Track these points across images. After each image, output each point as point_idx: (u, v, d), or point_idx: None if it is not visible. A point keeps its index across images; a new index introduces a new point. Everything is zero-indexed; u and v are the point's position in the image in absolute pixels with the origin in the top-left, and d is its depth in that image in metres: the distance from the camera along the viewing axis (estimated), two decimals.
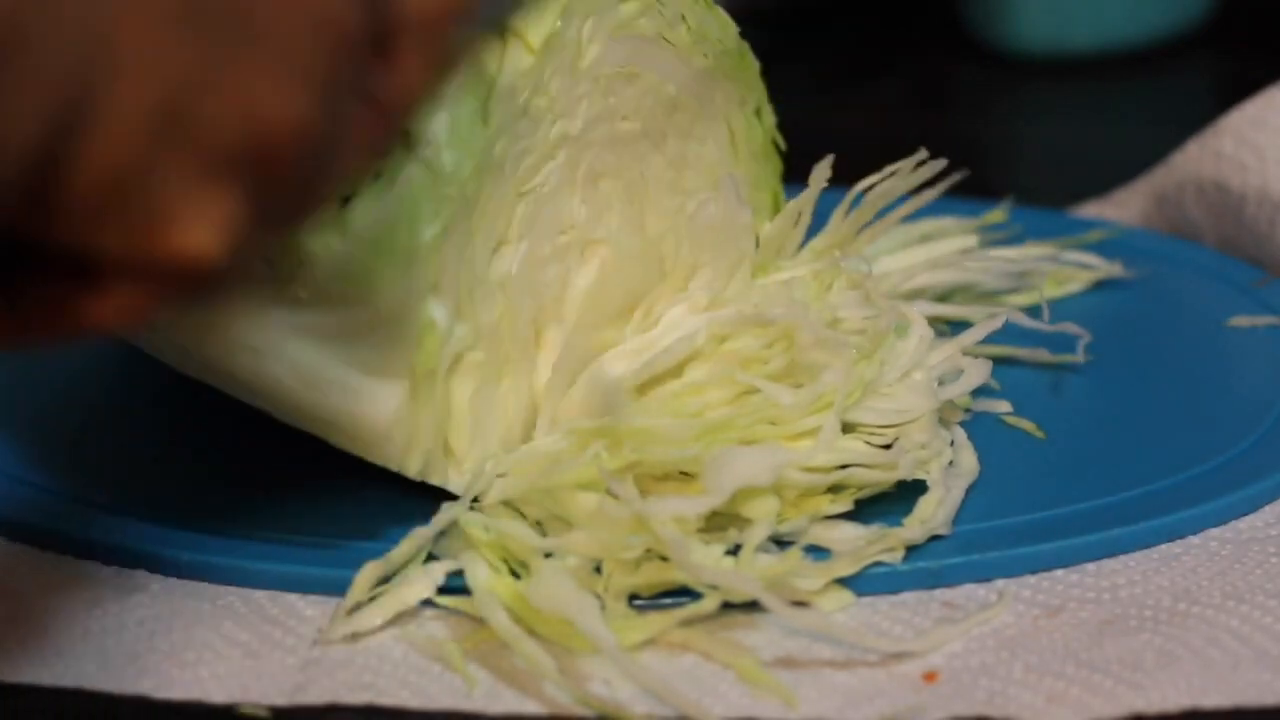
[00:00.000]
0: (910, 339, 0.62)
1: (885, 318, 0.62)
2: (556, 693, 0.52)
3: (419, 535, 0.56)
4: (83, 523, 0.61)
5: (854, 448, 0.59)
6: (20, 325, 0.44)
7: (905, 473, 0.58)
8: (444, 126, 0.57)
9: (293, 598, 0.57)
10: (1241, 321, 0.73)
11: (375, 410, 0.56)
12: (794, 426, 0.58)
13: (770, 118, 0.69)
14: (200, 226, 0.42)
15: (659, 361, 0.61)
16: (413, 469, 0.58)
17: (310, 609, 0.57)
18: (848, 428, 0.59)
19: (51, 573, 0.59)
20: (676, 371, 0.62)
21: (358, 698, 0.53)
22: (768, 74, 0.69)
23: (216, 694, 0.53)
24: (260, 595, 0.57)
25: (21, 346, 0.44)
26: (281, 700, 0.53)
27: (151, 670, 0.54)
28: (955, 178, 0.69)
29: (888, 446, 0.59)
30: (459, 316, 0.58)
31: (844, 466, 0.58)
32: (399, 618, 0.56)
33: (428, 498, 0.59)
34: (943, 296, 0.73)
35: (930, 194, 0.70)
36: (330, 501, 0.61)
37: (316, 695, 0.53)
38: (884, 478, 0.58)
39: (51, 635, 0.56)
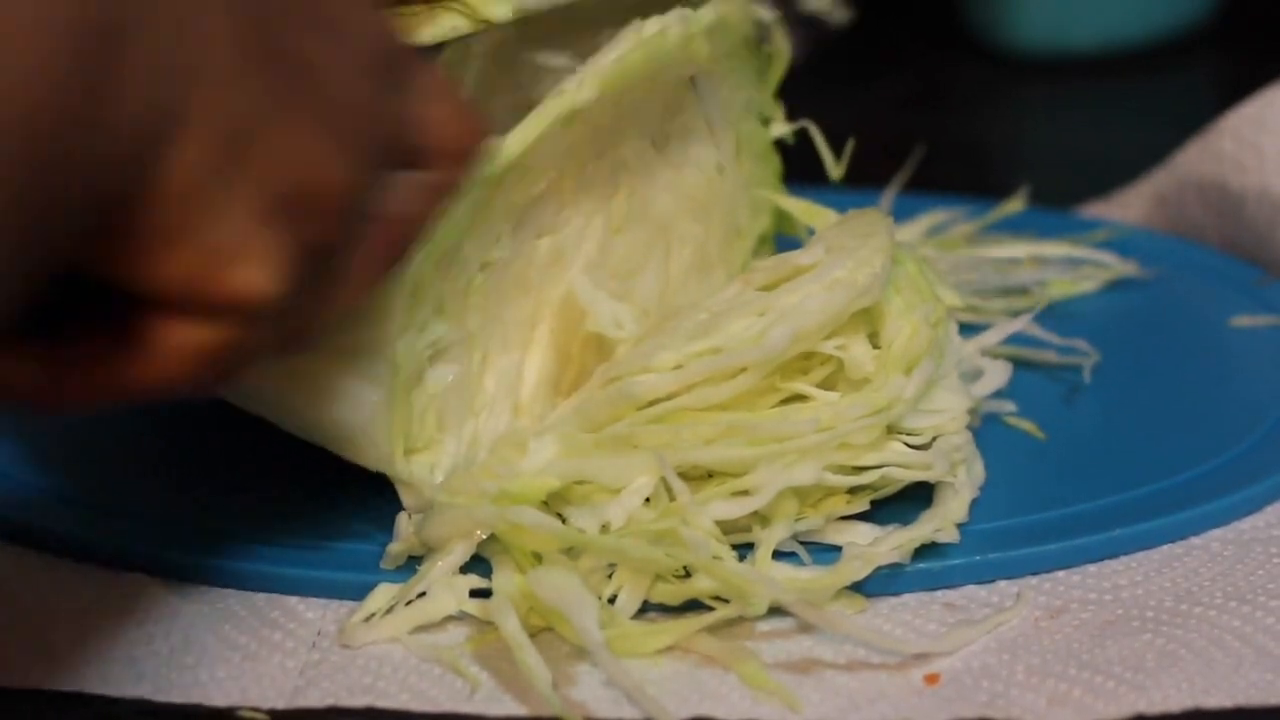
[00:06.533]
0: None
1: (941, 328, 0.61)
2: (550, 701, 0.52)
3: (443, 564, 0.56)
4: (81, 526, 0.60)
5: (895, 448, 0.58)
6: (56, 383, 0.44)
7: (941, 473, 0.58)
8: None
9: (292, 601, 0.57)
10: (1243, 321, 0.73)
11: (353, 411, 0.56)
12: (841, 434, 0.57)
13: (777, 118, 0.69)
14: (257, 263, 0.43)
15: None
16: (393, 469, 0.57)
17: (310, 612, 0.57)
18: (888, 429, 0.59)
19: (50, 576, 0.59)
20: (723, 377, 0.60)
21: (357, 700, 0.53)
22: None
23: (216, 697, 0.53)
24: (260, 598, 0.57)
25: (54, 408, 0.45)
26: (281, 703, 0.53)
27: (150, 674, 0.54)
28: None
29: (924, 446, 0.59)
30: (440, 315, 0.58)
31: (881, 466, 0.58)
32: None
33: None
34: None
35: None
36: (331, 503, 0.61)
37: (316, 698, 0.53)
38: (919, 478, 0.58)
39: (50, 639, 0.56)
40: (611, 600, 0.55)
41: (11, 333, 0.43)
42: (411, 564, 0.57)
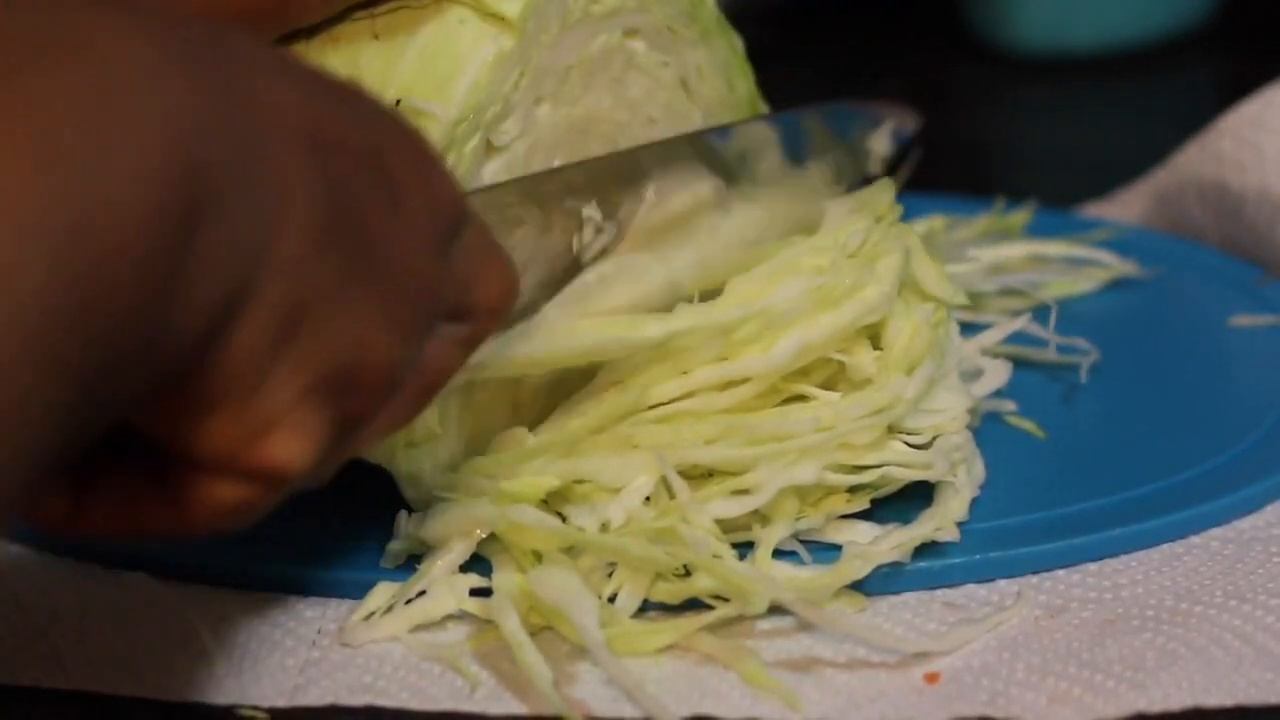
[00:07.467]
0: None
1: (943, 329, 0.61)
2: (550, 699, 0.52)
3: (443, 563, 0.56)
4: None
5: (895, 448, 0.58)
6: (84, 514, 0.44)
7: (941, 473, 0.58)
8: (446, 129, 0.57)
9: (292, 599, 0.57)
10: (1243, 321, 0.73)
11: None
12: (842, 433, 0.58)
13: (748, 80, 0.69)
14: (296, 439, 0.43)
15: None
16: (393, 463, 0.58)
17: (310, 610, 0.57)
18: (889, 429, 0.59)
19: (51, 575, 0.59)
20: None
21: (357, 699, 0.53)
22: (768, 73, 0.69)
23: (216, 696, 0.53)
24: (260, 597, 0.57)
25: (79, 536, 0.45)
26: (281, 702, 0.53)
27: (150, 672, 0.54)
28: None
29: (924, 446, 0.59)
30: None
31: (881, 465, 0.58)
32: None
33: None
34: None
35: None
36: (331, 502, 0.61)
37: (316, 697, 0.53)
38: (919, 477, 0.58)
39: (51, 637, 0.56)
40: (611, 599, 0.55)
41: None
42: (411, 563, 0.57)
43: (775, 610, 0.54)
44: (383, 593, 0.56)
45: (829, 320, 0.58)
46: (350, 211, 0.44)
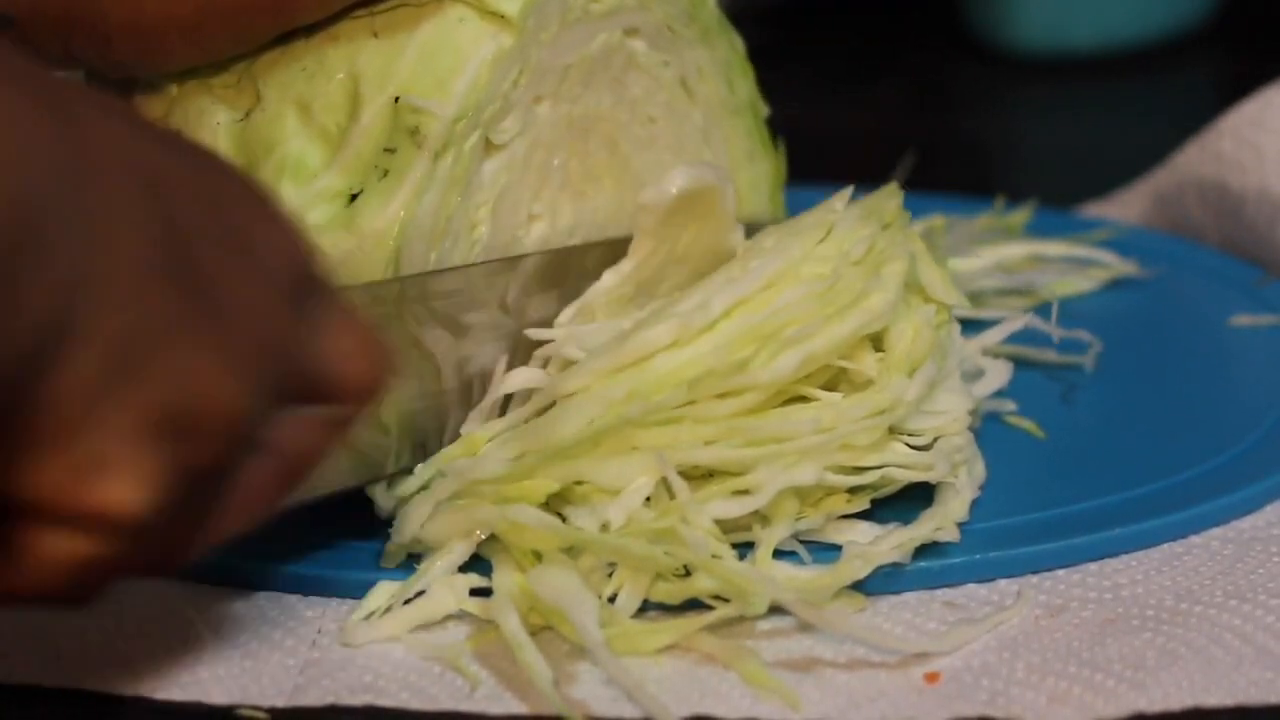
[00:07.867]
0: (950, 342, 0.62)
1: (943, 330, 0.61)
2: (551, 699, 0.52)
3: (443, 563, 0.56)
4: None
5: (896, 449, 0.58)
6: None
7: (942, 474, 0.58)
8: (445, 127, 0.58)
9: (292, 599, 0.57)
10: (1243, 321, 0.73)
11: None
12: (842, 434, 0.57)
13: (748, 80, 0.69)
14: (129, 479, 0.42)
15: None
16: (377, 497, 0.58)
17: (310, 610, 0.57)
18: (890, 430, 0.59)
19: None
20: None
21: (357, 699, 0.53)
22: (768, 73, 0.69)
23: (216, 695, 0.53)
24: (260, 596, 0.57)
25: None
26: (281, 702, 0.53)
27: (151, 671, 0.54)
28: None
29: (925, 447, 0.59)
30: None
31: (882, 467, 0.58)
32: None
33: None
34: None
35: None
36: (330, 501, 0.61)
37: (316, 697, 0.53)
38: (919, 478, 0.58)
39: (52, 636, 0.56)
40: (612, 599, 0.55)
41: None
42: (411, 563, 0.57)
43: (775, 610, 0.54)
44: (383, 593, 0.56)
45: (833, 330, 0.58)
46: (186, 248, 0.43)
